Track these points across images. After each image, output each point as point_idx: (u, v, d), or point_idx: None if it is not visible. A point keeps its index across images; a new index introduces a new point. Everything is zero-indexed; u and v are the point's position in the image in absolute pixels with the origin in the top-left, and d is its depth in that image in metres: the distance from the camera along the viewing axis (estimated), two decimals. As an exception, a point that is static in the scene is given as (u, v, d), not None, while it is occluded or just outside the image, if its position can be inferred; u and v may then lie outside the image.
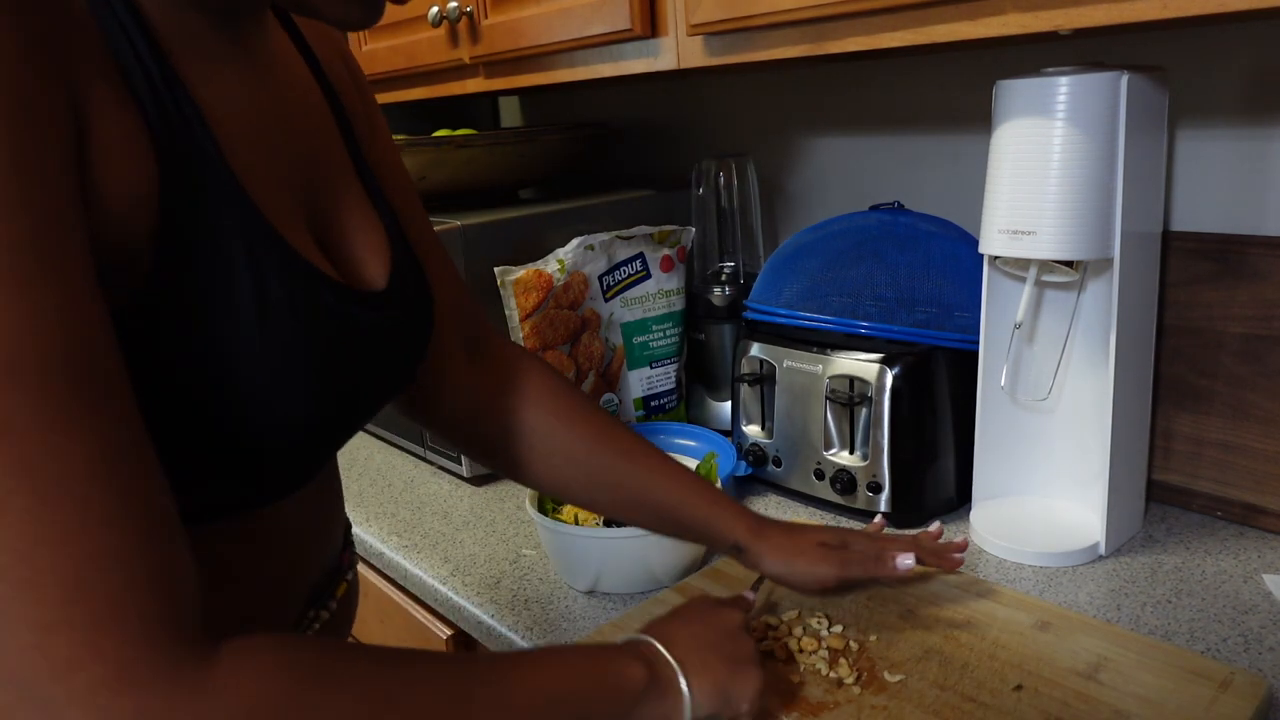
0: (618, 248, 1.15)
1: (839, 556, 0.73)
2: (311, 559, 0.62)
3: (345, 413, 0.57)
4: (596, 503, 0.76)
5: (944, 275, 0.94)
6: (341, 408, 0.55)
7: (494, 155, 1.24)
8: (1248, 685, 0.64)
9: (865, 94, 1.21)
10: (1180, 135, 0.94)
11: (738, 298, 1.18)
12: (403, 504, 1.11)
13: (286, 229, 0.50)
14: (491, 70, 1.18)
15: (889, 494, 0.93)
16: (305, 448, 0.53)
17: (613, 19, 0.95)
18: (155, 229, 0.42)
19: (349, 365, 0.53)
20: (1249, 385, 0.88)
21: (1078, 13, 0.64)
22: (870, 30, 0.76)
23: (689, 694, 0.55)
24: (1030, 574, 0.84)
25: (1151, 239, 0.85)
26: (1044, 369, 0.90)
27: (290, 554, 0.59)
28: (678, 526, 0.75)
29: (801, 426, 0.98)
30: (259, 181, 0.49)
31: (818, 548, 0.73)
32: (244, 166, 0.48)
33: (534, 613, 0.84)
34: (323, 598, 0.63)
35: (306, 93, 0.59)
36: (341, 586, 0.65)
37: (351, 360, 0.53)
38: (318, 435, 0.53)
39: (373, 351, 0.56)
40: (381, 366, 0.58)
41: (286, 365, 0.48)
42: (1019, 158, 0.79)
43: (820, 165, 1.29)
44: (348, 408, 0.56)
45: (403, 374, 0.62)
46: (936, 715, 0.63)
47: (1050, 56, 0.99)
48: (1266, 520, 0.88)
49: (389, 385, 0.61)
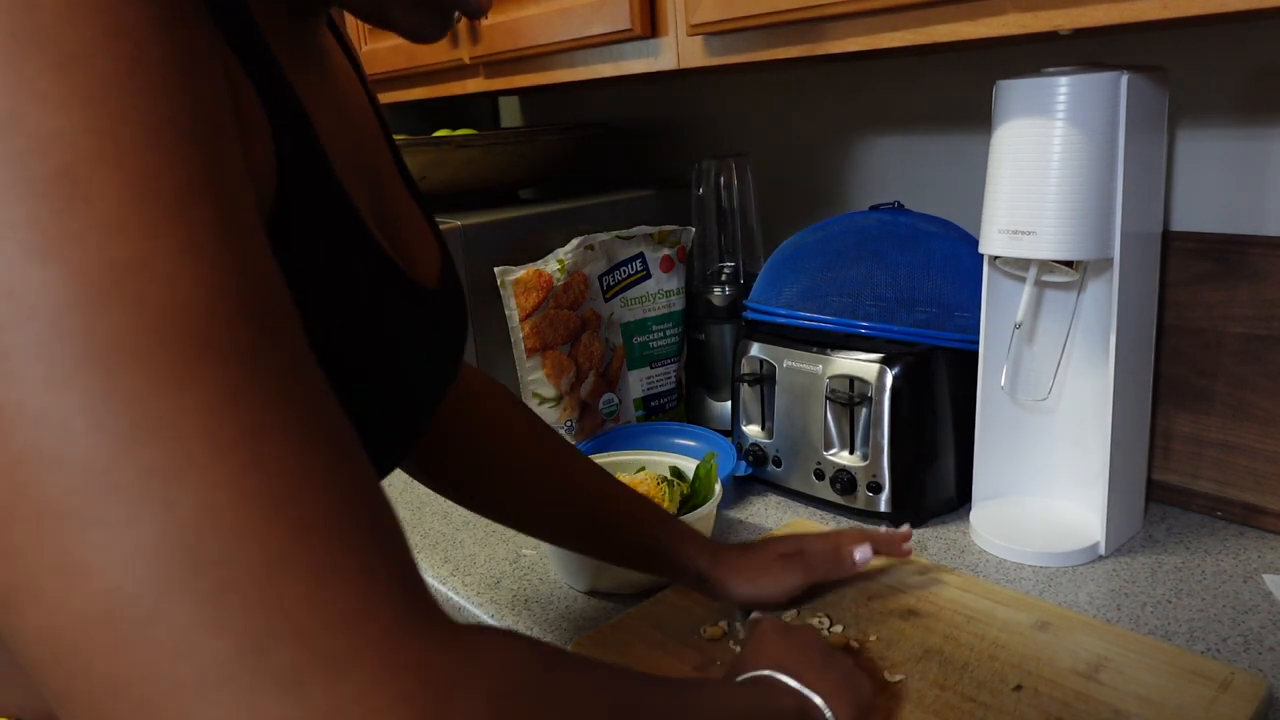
0: (618, 248, 1.15)
1: (800, 564, 0.74)
2: None
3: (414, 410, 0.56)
4: (554, 534, 0.75)
5: (944, 275, 0.94)
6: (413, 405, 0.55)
7: (494, 155, 1.24)
8: (1248, 685, 0.64)
9: (865, 94, 1.21)
10: (1180, 135, 0.94)
11: (738, 298, 1.18)
12: (403, 504, 1.11)
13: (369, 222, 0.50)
14: (491, 70, 1.18)
15: (889, 494, 0.93)
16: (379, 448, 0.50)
17: (613, 19, 0.95)
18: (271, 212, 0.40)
19: (419, 361, 0.53)
20: (1249, 385, 0.88)
21: (1078, 13, 0.64)
22: (870, 30, 0.76)
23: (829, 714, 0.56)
24: (1030, 574, 0.84)
25: (1151, 239, 0.85)
26: (1044, 369, 0.90)
27: None
28: (637, 556, 0.74)
29: (801, 426, 0.98)
30: (345, 174, 0.49)
31: (778, 561, 0.74)
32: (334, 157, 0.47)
33: (534, 613, 0.84)
34: None
35: (356, 93, 0.59)
36: None
37: (421, 356, 0.53)
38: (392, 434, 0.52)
39: (432, 347, 0.56)
40: (439, 361, 0.58)
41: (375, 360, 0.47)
42: (1019, 158, 0.79)
43: (820, 165, 1.29)
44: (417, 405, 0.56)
45: (454, 369, 0.62)
46: (936, 715, 0.63)
47: (1050, 56, 0.99)
48: (1266, 520, 0.88)
49: (444, 381, 0.60)
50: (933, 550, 0.90)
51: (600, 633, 0.77)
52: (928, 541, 0.91)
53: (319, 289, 0.43)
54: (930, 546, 0.90)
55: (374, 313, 0.47)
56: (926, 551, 0.89)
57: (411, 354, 0.52)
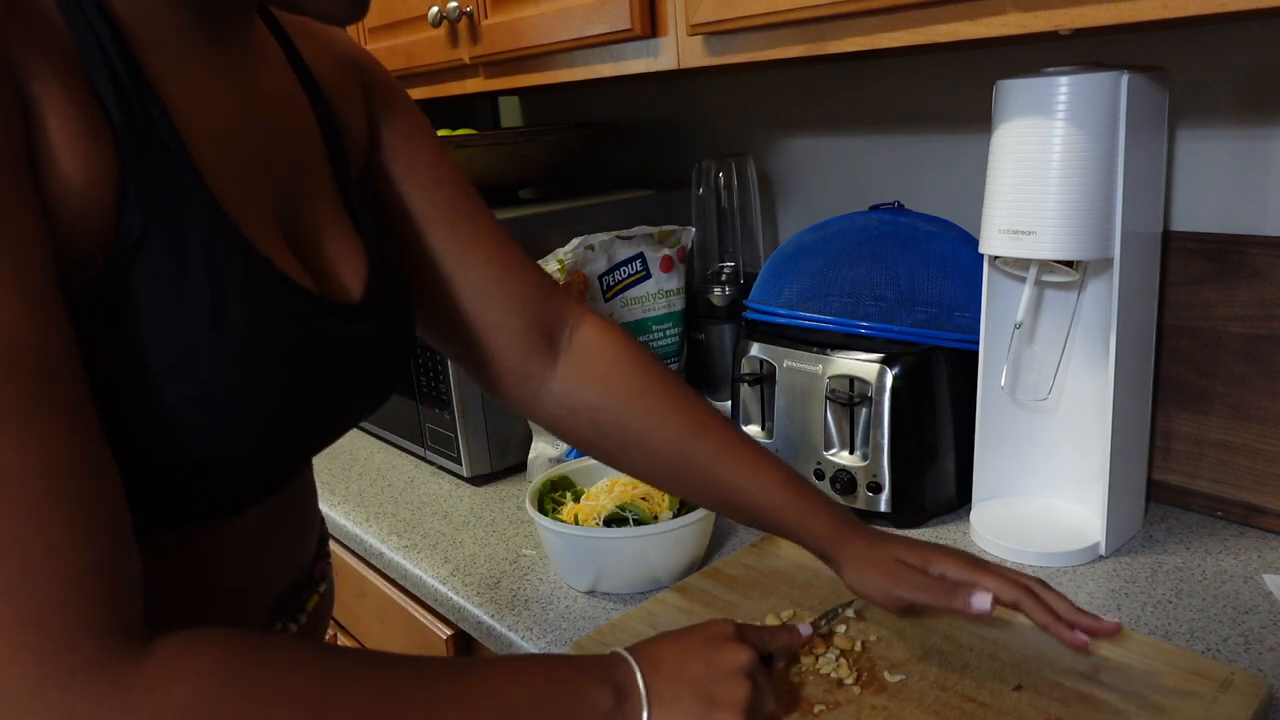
0: (618, 248, 1.15)
1: (912, 579, 0.65)
2: (277, 570, 0.60)
3: (312, 423, 0.55)
4: (689, 498, 0.75)
5: (944, 275, 0.94)
6: (307, 417, 0.53)
7: (494, 155, 1.24)
8: (1248, 685, 0.64)
9: (865, 94, 1.21)
10: (1180, 135, 0.94)
11: (738, 298, 1.18)
12: (403, 504, 1.11)
13: (257, 233, 0.49)
14: (491, 70, 1.18)
15: (889, 494, 0.93)
16: (268, 456, 0.51)
17: (613, 19, 0.95)
18: (111, 220, 0.42)
19: (317, 376, 0.52)
20: (1249, 385, 0.88)
21: (1078, 13, 0.64)
22: (870, 30, 0.76)
23: None
24: (1030, 574, 0.84)
25: (1151, 239, 0.85)
26: (1044, 369, 0.90)
27: (253, 565, 0.57)
28: (772, 528, 0.72)
29: (801, 426, 0.98)
30: (230, 183, 0.48)
31: (894, 564, 0.66)
32: (213, 166, 0.47)
33: (534, 613, 0.84)
34: (291, 609, 0.61)
35: (289, 99, 0.58)
36: (313, 599, 0.63)
37: (320, 372, 0.52)
38: (281, 443, 0.52)
39: (344, 363, 0.54)
40: (355, 379, 0.56)
41: (244, 370, 0.46)
42: (1019, 158, 0.79)
43: (820, 165, 1.29)
44: (315, 418, 0.54)
45: (379, 387, 0.60)
46: (936, 715, 0.63)
47: (1050, 56, 0.99)
48: (1266, 520, 0.88)
49: (363, 399, 0.59)
50: (933, 550, 0.90)
51: (600, 633, 0.77)
52: (928, 541, 0.91)
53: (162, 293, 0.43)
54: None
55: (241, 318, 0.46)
56: (926, 551, 0.89)
57: (302, 363, 0.50)
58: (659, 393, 0.72)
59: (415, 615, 1.01)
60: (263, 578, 0.59)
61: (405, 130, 0.68)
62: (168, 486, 0.46)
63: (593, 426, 0.72)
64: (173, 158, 0.45)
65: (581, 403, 0.72)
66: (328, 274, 0.56)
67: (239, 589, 0.56)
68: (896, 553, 0.66)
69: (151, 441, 0.44)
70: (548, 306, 0.72)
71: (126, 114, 0.43)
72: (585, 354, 0.72)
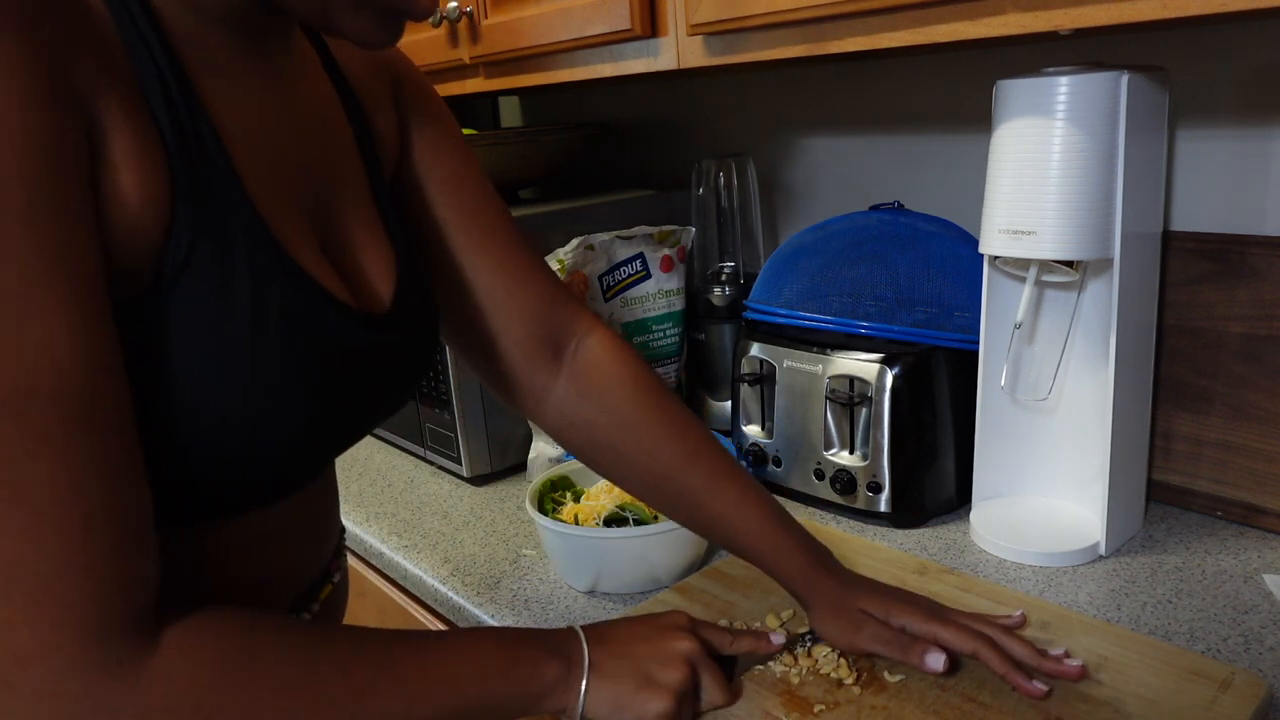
0: (618, 248, 1.15)
1: (872, 630, 0.67)
2: (301, 564, 0.62)
3: (339, 428, 0.57)
4: (674, 519, 0.76)
5: (944, 275, 0.94)
6: (336, 423, 0.56)
7: (494, 155, 1.24)
8: (1248, 685, 0.64)
9: (865, 94, 1.21)
10: (1180, 135, 0.94)
11: (738, 298, 1.18)
12: (403, 504, 1.11)
13: (296, 245, 0.51)
14: (491, 70, 1.18)
15: (889, 494, 0.93)
16: (296, 459, 0.53)
17: (613, 19, 0.95)
18: (161, 237, 0.44)
19: (346, 383, 0.54)
20: (1249, 385, 0.88)
21: (1078, 13, 0.64)
22: (870, 30, 0.76)
23: (584, 693, 0.57)
24: (1030, 574, 0.84)
25: (1151, 239, 0.85)
26: (1044, 369, 0.90)
27: (278, 559, 0.59)
28: (750, 561, 0.74)
29: (801, 426, 0.98)
30: (272, 197, 0.50)
31: (858, 613, 0.68)
32: (257, 181, 0.49)
33: (534, 613, 0.84)
34: (306, 600, 0.63)
35: (325, 104, 0.59)
36: (326, 588, 0.65)
37: (349, 378, 0.54)
38: (309, 448, 0.54)
39: (372, 370, 0.56)
40: (380, 385, 0.58)
41: (283, 377, 0.48)
42: (1019, 158, 0.79)
43: (820, 165, 1.29)
44: (342, 423, 0.57)
45: (401, 392, 0.63)
46: (936, 715, 0.63)
47: (1050, 56, 0.99)
48: (1266, 520, 0.88)
49: (386, 403, 0.62)
50: (933, 550, 0.90)
51: (600, 633, 0.77)
52: (927, 542, 0.91)
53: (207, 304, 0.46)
54: (930, 547, 0.90)
55: (282, 329, 0.49)
56: (926, 551, 0.89)
57: (335, 371, 0.52)
58: (656, 417, 0.73)
59: (415, 615, 1.01)
60: (287, 571, 0.60)
61: (431, 134, 0.68)
62: (195, 484, 0.49)
63: (588, 440, 0.74)
64: (220, 174, 0.46)
65: (578, 417, 0.73)
66: (358, 276, 0.58)
67: (264, 581, 0.58)
68: (860, 601, 0.69)
69: (181, 445, 0.47)
70: (555, 318, 0.73)
71: (179, 134, 0.45)
72: (587, 370, 0.73)
